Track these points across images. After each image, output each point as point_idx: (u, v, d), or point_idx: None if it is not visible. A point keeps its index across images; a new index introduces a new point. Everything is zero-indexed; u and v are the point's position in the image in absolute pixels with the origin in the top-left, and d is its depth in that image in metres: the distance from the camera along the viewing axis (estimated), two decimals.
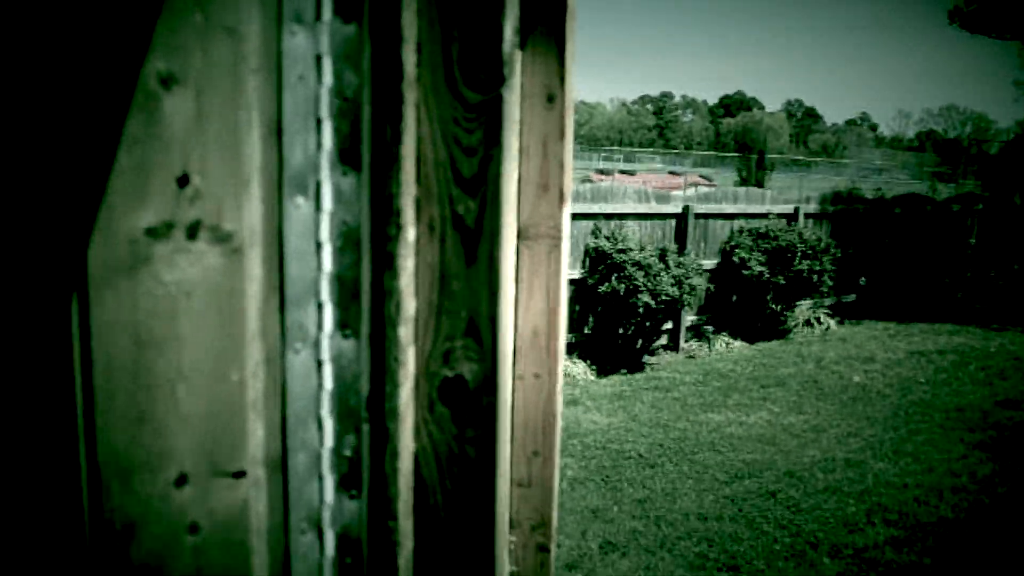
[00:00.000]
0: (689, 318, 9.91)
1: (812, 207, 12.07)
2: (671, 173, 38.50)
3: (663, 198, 10.20)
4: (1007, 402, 7.85)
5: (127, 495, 0.60)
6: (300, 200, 0.64)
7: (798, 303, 10.90)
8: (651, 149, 77.44)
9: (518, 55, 0.85)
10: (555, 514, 1.58)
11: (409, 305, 0.68)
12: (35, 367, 0.59)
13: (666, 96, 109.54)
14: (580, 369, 8.36)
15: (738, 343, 10.10)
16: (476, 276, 0.69)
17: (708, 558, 4.56)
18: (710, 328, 10.17)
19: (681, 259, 9.07)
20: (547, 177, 1.34)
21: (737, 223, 10.67)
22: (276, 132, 0.62)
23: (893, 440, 6.64)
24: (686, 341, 9.89)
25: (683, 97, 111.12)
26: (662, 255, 8.89)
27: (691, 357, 9.53)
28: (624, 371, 8.67)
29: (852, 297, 12.38)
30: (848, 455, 6.24)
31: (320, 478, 0.69)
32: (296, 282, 0.65)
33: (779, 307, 10.56)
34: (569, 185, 1.41)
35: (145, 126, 0.58)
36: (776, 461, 6.06)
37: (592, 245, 8.67)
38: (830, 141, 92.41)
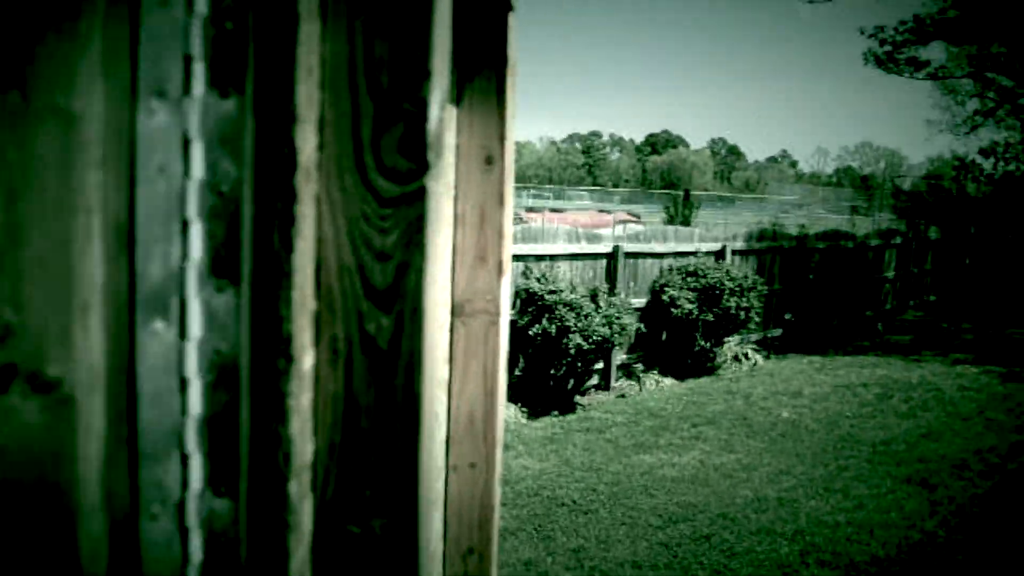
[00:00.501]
0: (620, 357, 9.87)
1: (739, 244, 12.24)
2: (600, 211, 38.90)
3: (593, 238, 10.19)
4: (930, 433, 7.97)
5: None
6: (159, 325, 0.50)
7: (726, 339, 10.98)
8: (580, 188, 78.39)
9: (447, 134, 0.72)
10: None
11: (304, 452, 0.54)
12: None
13: (594, 135, 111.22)
14: (511, 412, 8.23)
15: (668, 380, 10.10)
16: (390, 410, 0.56)
17: None
18: (640, 367, 10.16)
19: (612, 299, 9.05)
20: (485, 248, 1.20)
21: (667, 262, 10.73)
22: (127, 240, 0.49)
23: (823, 477, 6.66)
24: (617, 380, 9.85)
25: (611, 136, 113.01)
26: (593, 296, 8.85)
27: (622, 396, 9.48)
28: (556, 412, 8.56)
29: (778, 332, 12.55)
30: (780, 494, 6.23)
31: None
32: (152, 431, 0.51)
33: (708, 344, 10.62)
34: (509, 255, 1.27)
35: None
36: (709, 503, 6.00)
37: (523, 286, 8.59)
38: (752, 178, 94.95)
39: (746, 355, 11.20)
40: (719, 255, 11.55)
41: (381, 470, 0.58)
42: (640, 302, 10.15)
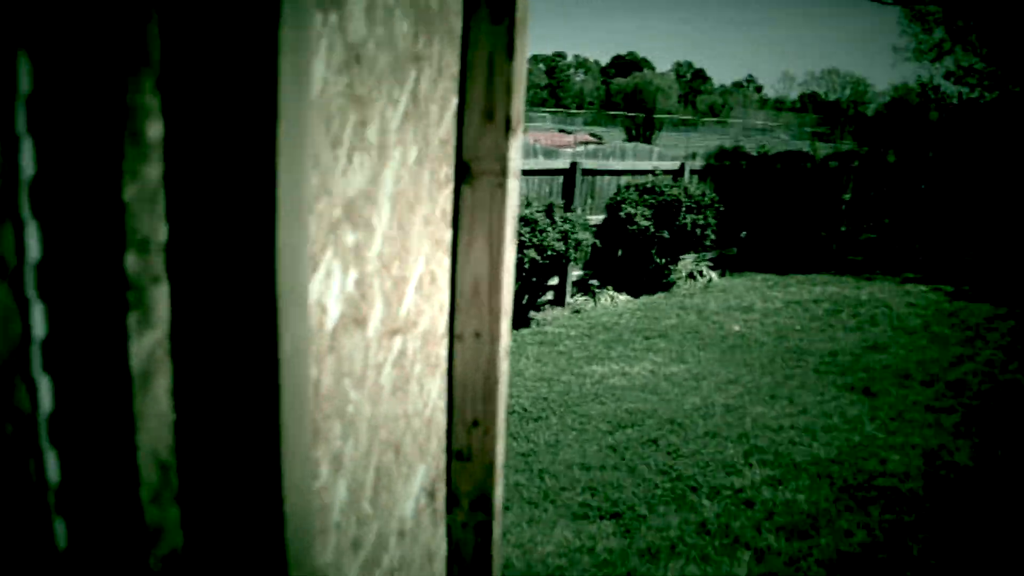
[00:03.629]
0: (575, 273, 9.94)
1: (698, 164, 12.26)
2: (561, 131, 38.61)
3: (551, 154, 10.15)
4: (876, 346, 8.18)
5: None
6: None
7: (682, 257, 11.09)
8: (543, 109, 77.53)
9: None
10: (499, 491, 1.42)
11: None
12: None
13: (559, 56, 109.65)
14: None
15: (623, 297, 10.21)
16: None
17: (591, 507, 4.57)
18: (596, 283, 10.24)
19: (568, 215, 9.06)
20: (493, 102, 1.17)
21: (624, 179, 10.73)
22: None
23: (770, 385, 6.83)
24: (572, 296, 9.93)
25: (576, 57, 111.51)
26: (548, 211, 8.85)
27: (577, 312, 9.57)
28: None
29: (734, 251, 12.69)
30: (727, 401, 6.39)
31: None
32: None
33: (664, 261, 10.72)
34: (519, 112, 1.24)
35: None
36: (658, 410, 6.14)
37: None
38: (717, 102, 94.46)
39: (701, 272, 11.33)
40: (677, 174, 11.57)
41: None
42: (597, 219, 10.18)
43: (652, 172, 11.08)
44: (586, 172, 10.12)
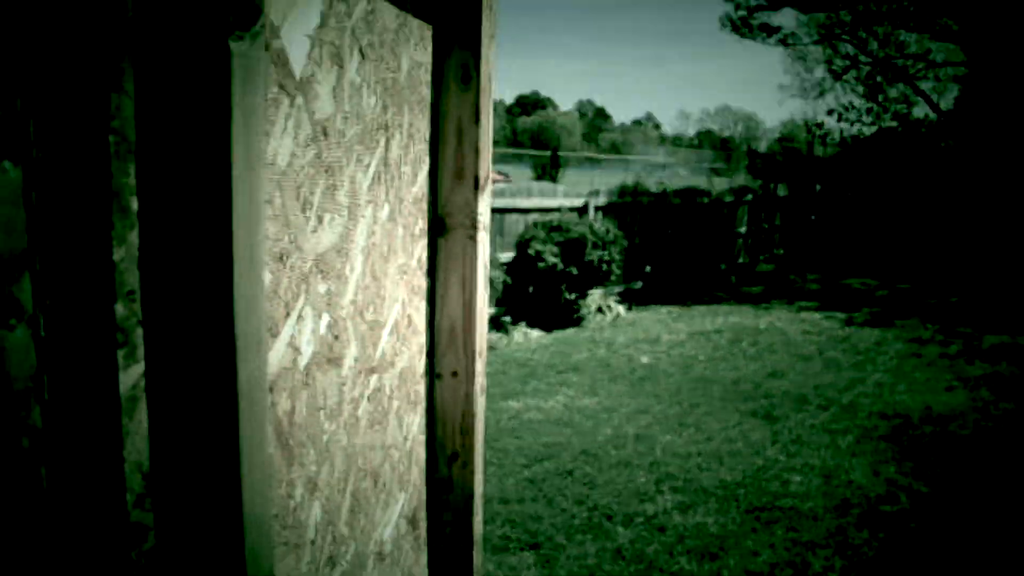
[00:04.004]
0: (488, 311, 10.10)
1: (601, 200, 12.64)
2: None
3: None
4: (775, 373, 8.60)
5: None
6: None
7: (590, 292, 11.40)
8: None
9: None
10: (478, 518, 1.52)
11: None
12: None
13: None
14: None
15: (536, 332, 10.43)
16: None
17: (511, 539, 4.71)
18: (509, 319, 10.44)
19: None
20: (462, 164, 1.30)
21: (532, 217, 11.01)
22: None
23: (677, 414, 7.11)
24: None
25: None
26: None
27: (492, 348, 9.73)
28: None
29: (639, 284, 13.10)
30: (638, 431, 6.63)
31: None
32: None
33: (573, 296, 11.00)
34: (487, 171, 1.37)
35: None
36: (572, 442, 6.34)
37: None
38: (619, 140, 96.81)
39: (609, 306, 11.66)
40: (582, 211, 11.92)
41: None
42: (507, 256, 10.41)
43: (558, 209, 11.41)
44: (495, 211, 10.35)
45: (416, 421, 1.36)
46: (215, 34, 0.74)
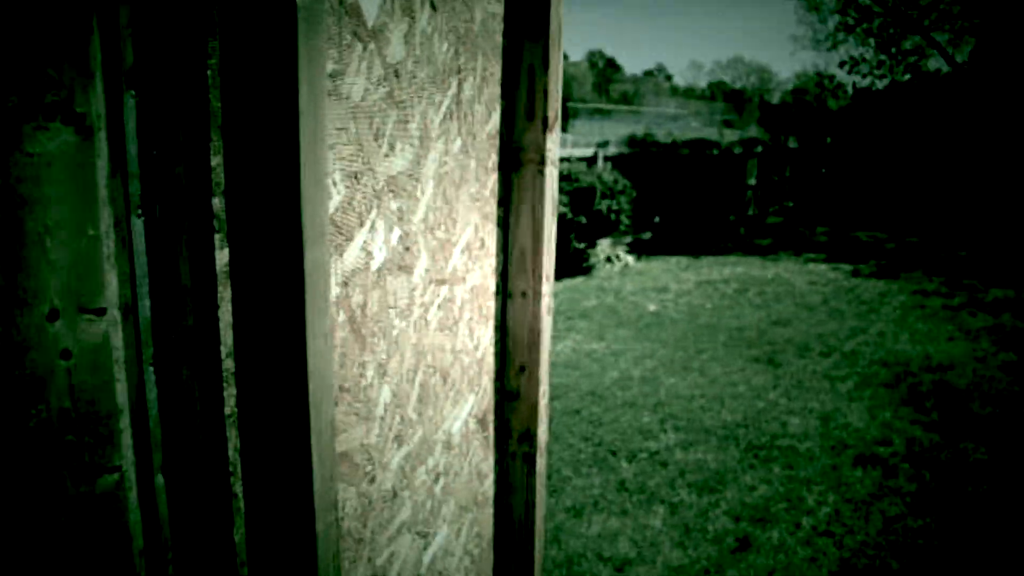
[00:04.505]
0: None
1: (611, 151, 12.72)
2: None
3: None
4: (780, 321, 8.77)
5: (9, 326, 0.75)
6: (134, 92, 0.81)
7: (599, 241, 11.54)
8: None
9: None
10: (543, 427, 1.69)
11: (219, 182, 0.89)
12: None
13: None
14: None
15: None
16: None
17: None
18: None
19: None
20: (532, 105, 1.45)
21: None
22: (111, 33, 0.78)
23: (682, 359, 7.31)
24: None
25: None
26: None
27: None
28: None
29: (648, 235, 13.22)
30: (643, 374, 6.83)
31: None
32: (135, 160, 0.82)
33: (583, 245, 11.15)
34: (555, 112, 1.52)
35: None
36: (580, 383, 6.54)
37: None
38: (630, 91, 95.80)
39: (618, 256, 11.81)
40: (591, 161, 12.01)
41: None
42: None
43: (568, 159, 11.50)
44: None
45: (487, 334, 1.52)
46: None
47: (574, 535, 4.19)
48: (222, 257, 0.90)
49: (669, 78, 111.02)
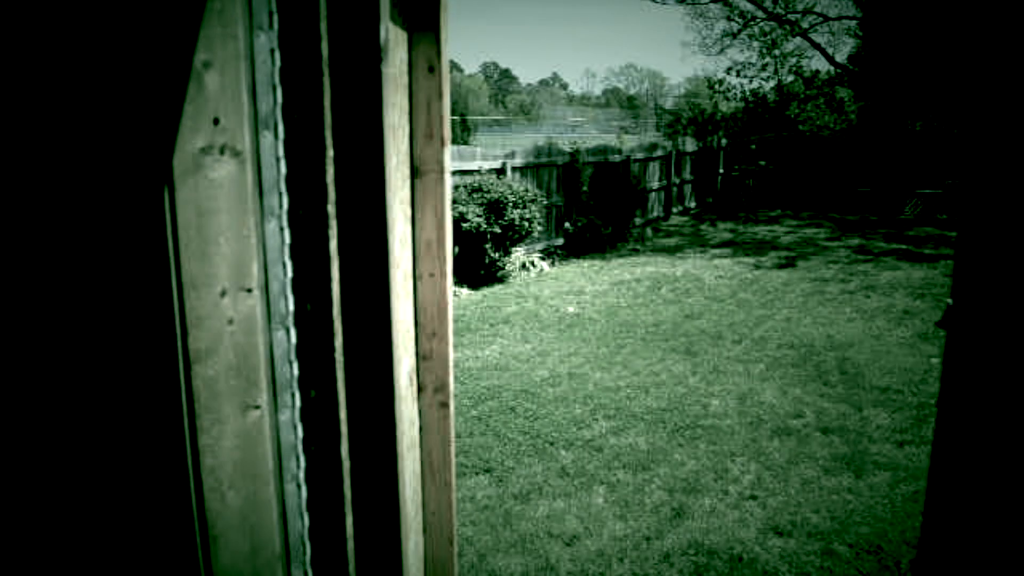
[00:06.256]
0: None
1: (518, 161, 13.12)
2: None
3: None
4: (692, 314, 9.28)
5: (196, 300, 1.01)
6: (267, 133, 1.08)
7: (513, 249, 11.90)
8: None
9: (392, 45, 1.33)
10: (451, 378, 2.04)
11: (332, 193, 1.16)
12: (140, 227, 0.98)
13: None
14: None
15: (465, 290, 10.90)
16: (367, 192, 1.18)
17: (466, 466, 5.21)
18: None
19: None
20: (431, 127, 1.77)
21: (454, 179, 11.41)
22: (252, 92, 1.05)
23: (606, 354, 7.71)
24: None
25: None
26: None
27: None
28: None
29: (560, 241, 13.66)
30: (571, 370, 7.20)
31: (286, 298, 1.14)
32: (267, 180, 1.09)
33: (498, 254, 11.49)
34: (447, 132, 1.85)
35: (196, 91, 0.98)
36: (512, 383, 6.86)
37: None
38: (526, 101, 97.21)
39: (533, 263, 12.20)
40: (500, 172, 12.38)
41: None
42: None
43: (478, 171, 11.84)
44: None
45: (409, 308, 1.86)
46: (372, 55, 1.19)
47: (524, 519, 4.49)
48: (332, 243, 1.18)
49: (565, 87, 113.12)
